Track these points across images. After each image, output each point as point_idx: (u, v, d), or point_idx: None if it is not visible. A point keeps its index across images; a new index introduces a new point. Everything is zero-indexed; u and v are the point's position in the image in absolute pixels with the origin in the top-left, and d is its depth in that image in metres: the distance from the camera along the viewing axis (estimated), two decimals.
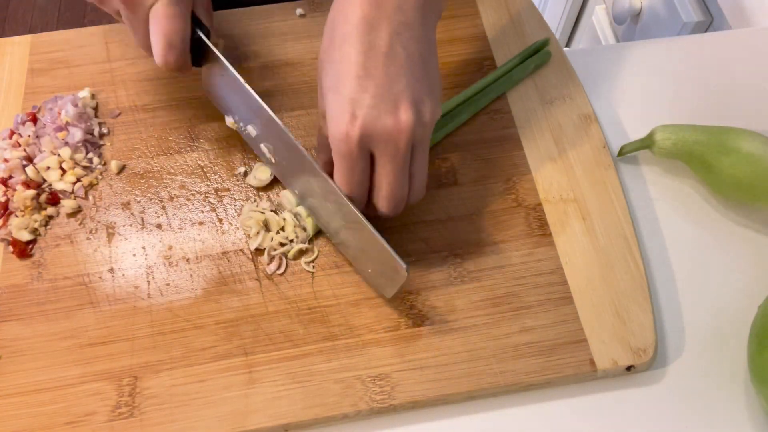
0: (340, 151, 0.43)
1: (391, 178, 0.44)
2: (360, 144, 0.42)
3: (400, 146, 0.43)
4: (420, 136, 0.44)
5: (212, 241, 0.52)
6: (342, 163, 0.44)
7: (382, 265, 0.47)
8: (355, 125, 0.42)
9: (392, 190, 0.45)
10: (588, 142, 0.57)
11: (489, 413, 0.47)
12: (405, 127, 0.42)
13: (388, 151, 0.43)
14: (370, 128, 0.42)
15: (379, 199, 0.46)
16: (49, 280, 0.50)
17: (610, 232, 0.52)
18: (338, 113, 0.42)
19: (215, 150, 0.56)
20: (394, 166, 0.44)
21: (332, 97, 0.43)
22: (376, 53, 0.42)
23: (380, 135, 0.42)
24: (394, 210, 0.47)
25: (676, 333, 0.50)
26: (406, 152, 0.44)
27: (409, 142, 0.43)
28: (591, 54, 0.65)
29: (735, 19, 0.80)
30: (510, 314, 0.49)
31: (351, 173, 0.44)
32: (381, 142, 0.43)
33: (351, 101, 0.42)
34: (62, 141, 0.55)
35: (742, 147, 0.52)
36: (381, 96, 0.42)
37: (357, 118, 0.42)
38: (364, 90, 0.42)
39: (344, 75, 0.42)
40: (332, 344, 0.48)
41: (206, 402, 0.46)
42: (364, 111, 0.42)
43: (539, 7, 1.37)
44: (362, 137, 0.42)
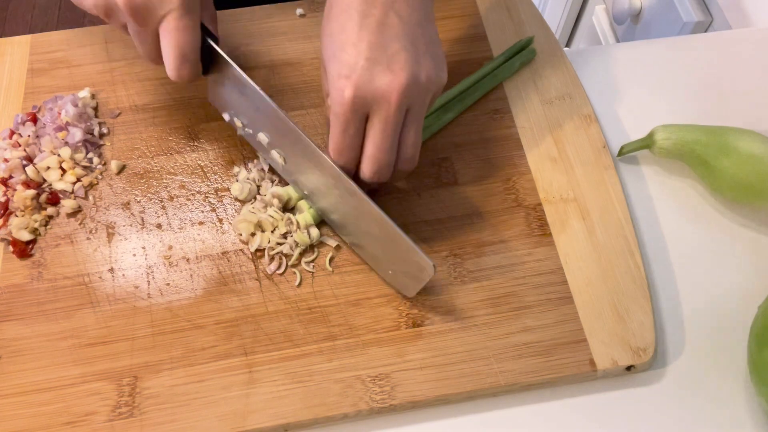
0: (336, 112, 0.44)
1: (377, 139, 0.44)
2: (354, 104, 0.43)
3: (392, 106, 0.43)
4: (415, 98, 0.44)
5: (212, 241, 0.52)
6: (336, 125, 0.44)
7: (405, 263, 0.47)
8: (350, 86, 0.43)
9: (378, 151, 0.45)
10: (588, 142, 0.57)
11: (489, 413, 0.47)
12: (398, 87, 0.42)
13: (380, 111, 0.43)
14: (364, 89, 0.43)
15: (364, 159, 0.46)
16: (49, 280, 0.50)
17: (610, 232, 0.52)
18: (335, 77, 0.43)
19: (215, 150, 0.56)
20: (384, 126, 0.44)
21: (332, 64, 0.44)
22: (371, 21, 0.43)
23: (374, 95, 0.43)
24: (377, 174, 0.46)
25: (676, 333, 0.50)
26: (398, 113, 0.44)
27: (401, 102, 0.43)
28: (591, 54, 0.65)
29: (735, 19, 0.80)
30: (510, 314, 0.49)
31: (343, 135, 0.45)
32: (374, 103, 0.43)
33: (347, 65, 0.43)
34: (62, 141, 0.55)
35: (742, 147, 0.52)
36: (375, 59, 0.43)
37: (352, 79, 0.43)
38: (359, 54, 0.43)
39: (341, 43, 0.44)
40: (332, 344, 0.48)
41: (206, 402, 0.46)
42: (358, 72, 0.43)
43: (539, 7, 1.37)
44: (356, 97, 0.43)
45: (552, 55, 0.62)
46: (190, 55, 0.48)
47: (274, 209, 0.52)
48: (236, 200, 0.54)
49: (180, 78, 0.49)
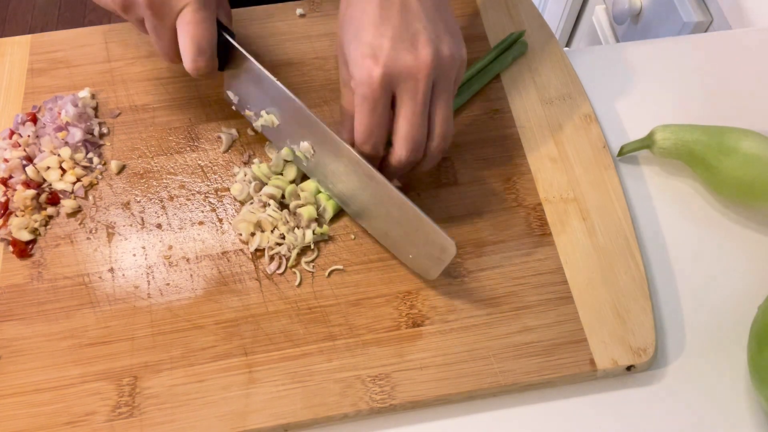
0: (363, 93, 0.44)
1: (410, 116, 0.45)
2: (382, 83, 0.44)
3: (420, 82, 0.44)
4: (441, 73, 0.45)
5: (212, 241, 0.52)
6: (363, 106, 0.45)
7: (426, 245, 0.47)
8: (377, 65, 0.43)
9: (411, 128, 0.45)
10: (588, 142, 0.57)
11: (489, 413, 0.47)
12: (424, 63, 0.43)
13: (408, 88, 0.44)
14: (391, 66, 0.43)
15: (398, 140, 0.46)
16: (49, 280, 0.50)
17: (610, 232, 0.52)
18: (360, 58, 0.44)
19: (215, 150, 0.56)
20: (414, 104, 0.45)
21: (353, 46, 0.45)
22: (390, 4, 0.44)
23: (401, 72, 0.44)
24: (413, 154, 0.46)
25: (676, 333, 0.50)
26: (426, 89, 0.44)
27: (428, 77, 0.44)
28: (591, 54, 0.65)
29: (735, 19, 0.80)
30: (510, 314, 0.49)
31: (371, 115, 0.45)
32: (401, 80, 0.44)
33: (371, 46, 0.44)
34: (62, 141, 0.55)
35: (742, 147, 0.52)
36: (399, 37, 0.44)
37: (378, 59, 0.43)
38: (382, 35, 0.44)
39: (363, 25, 0.45)
40: (332, 344, 0.48)
41: (206, 402, 0.46)
42: (385, 52, 0.43)
43: (539, 7, 1.37)
44: (384, 76, 0.43)
45: (552, 55, 0.62)
46: (206, 48, 0.48)
47: (272, 209, 0.52)
48: (236, 200, 0.54)
49: (197, 71, 0.49)
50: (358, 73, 0.44)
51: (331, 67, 0.61)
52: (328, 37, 0.63)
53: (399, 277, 0.50)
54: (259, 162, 0.54)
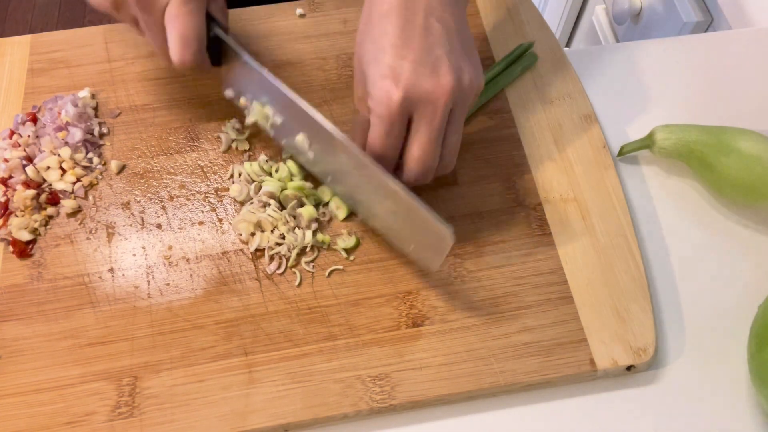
0: (381, 114, 0.44)
1: (424, 141, 0.45)
2: (401, 106, 0.43)
3: (439, 108, 0.44)
4: (459, 100, 0.45)
5: (212, 241, 0.52)
6: (380, 126, 0.45)
7: (425, 236, 0.47)
8: (398, 88, 0.43)
9: (424, 153, 0.45)
10: (588, 142, 0.57)
11: (489, 413, 0.47)
12: (445, 90, 0.43)
13: (426, 113, 0.44)
14: (411, 91, 0.43)
15: (410, 161, 0.46)
16: (49, 280, 0.50)
17: (610, 232, 0.52)
18: (380, 80, 0.44)
19: (215, 150, 0.56)
20: (430, 129, 0.45)
21: (373, 67, 0.44)
22: (413, 26, 0.44)
23: (420, 97, 0.43)
24: (422, 176, 0.47)
25: (676, 333, 0.50)
26: (444, 115, 0.44)
27: (447, 104, 0.44)
28: (591, 54, 0.65)
29: (735, 19, 0.80)
30: (510, 314, 0.49)
31: (387, 136, 0.45)
32: (420, 105, 0.44)
33: (391, 68, 0.43)
34: (62, 141, 0.55)
35: (742, 147, 0.52)
36: (420, 61, 0.43)
37: (399, 82, 0.43)
38: (403, 57, 0.43)
39: (384, 47, 0.44)
40: (332, 344, 0.48)
41: (206, 402, 0.46)
42: (406, 75, 0.43)
43: (539, 7, 1.37)
44: (404, 100, 0.43)
45: (552, 55, 0.62)
46: (192, 40, 0.48)
47: (272, 209, 0.52)
48: (236, 201, 0.54)
49: (183, 63, 0.49)
50: (377, 94, 0.44)
51: (330, 68, 0.61)
52: (328, 37, 0.63)
53: (399, 277, 0.50)
54: (250, 161, 0.54)
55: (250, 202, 0.53)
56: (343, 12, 0.65)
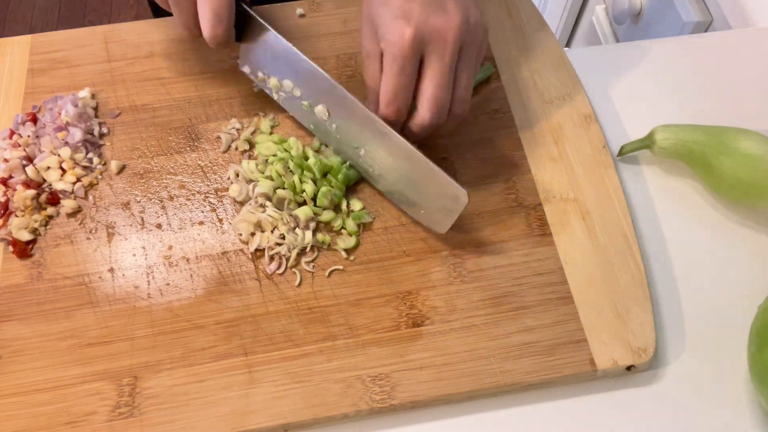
0: (393, 53, 0.46)
1: (437, 77, 0.46)
2: (413, 44, 0.45)
3: (449, 43, 0.46)
4: (468, 38, 0.47)
5: (212, 241, 0.52)
6: (393, 66, 0.46)
7: (437, 197, 0.49)
8: (408, 26, 0.45)
9: (437, 90, 0.47)
10: (588, 142, 0.57)
11: (489, 413, 0.47)
12: (454, 25, 0.45)
13: (437, 50, 0.46)
14: (422, 28, 0.45)
15: (423, 102, 0.47)
16: (49, 280, 0.50)
17: (610, 231, 0.52)
18: (390, 20, 0.46)
19: (215, 150, 0.56)
20: (442, 64, 0.46)
21: (383, 10, 0.46)
22: None
23: (431, 34, 0.45)
24: (436, 116, 0.48)
25: (676, 333, 0.50)
26: (454, 51, 0.46)
27: (457, 40, 0.46)
28: (591, 54, 0.65)
29: (735, 19, 0.80)
30: (510, 314, 0.49)
31: (400, 75, 0.46)
32: (431, 42, 0.46)
33: (401, 9, 0.46)
34: (62, 141, 0.55)
35: (742, 147, 0.52)
36: (427, 2, 0.46)
37: (410, 20, 0.45)
38: (411, 0, 0.46)
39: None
40: (332, 344, 0.48)
41: (206, 402, 0.46)
42: (416, 14, 0.45)
43: (539, 7, 1.37)
44: (415, 36, 0.45)
45: (552, 55, 0.62)
46: (224, 17, 0.50)
47: (272, 209, 0.52)
48: (235, 201, 0.54)
49: (215, 39, 0.50)
50: (389, 34, 0.46)
51: (331, 67, 0.61)
52: (328, 37, 0.63)
53: (399, 277, 0.50)
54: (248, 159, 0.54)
55: (250, 202, 0.53)
56: (343, 12, 0.65)
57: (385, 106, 0.48)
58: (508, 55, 0.62)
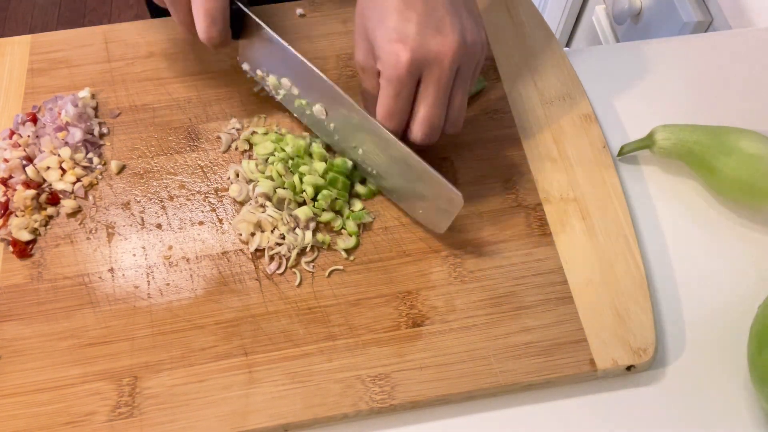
0: (389, 77, 0.45)
1: (431, 100, 0.46)
2: (409, 68, 0.45)
3: (445, 66, 0.45)
4: (465, 59, 0.46)
5: (212, 241, 0.52)
6: (389, 89, 0.46)
7: (434, 199, 0.49)
8: (405, 50, 0.44)
9: (430, 113, 0.47)
10: (588, 142, 0.57)
11: (489, 413, 0.47)
12: (450, 49, 0.45)
13: (434, 73, 0.45)
14: (418, 51, 0.44)
15: (416, 123, 0.48)
16: (49, 280, 0.50)
17: (610, 231, 0.52)
18: (387, 43, 0.45)
19: (215, 150, 0.56)
20: (437, 88, 0.46)
21: (379, 32, 0.46)
22: None
23: (428, 57, 0.45)
24: (428, 136, 0.48)
25: (676, 333, 0.50)
26: (450, 74, 0.46)
27: (454, 63, 0.45)
28: (591, 54, 0.65)
29: (735, 19, 0.80)
30: (510, 314, 0.49)
31: (396, 99, 0.46)
32: (428, 65, 0.45)
33: (397, 31, 0.45)
34: (62, 141, 0.55)
35: (742, 147, 0.52)
36: (424, 23, 0.45)
37: (407, 43, 0.44)
38: (408, 20, 0.45)
39: (387, 11, 0.45)
40: (332, 344, 0.48)
41: (206, 402, 0.46)
42: (412, 37, 0.45)
43: (539, 7, 1.37)
44: (412, 61, 0.45)
45: (552, 55, 0.62)
46: (219, 18, 0.49)
47: (272, 209, 0.52)
48: (235, 201, 0.54)
49: (210, 40, 0.50)
50: (386, 58, 0.45)
51: (331, 67, 0.61)
52: (328, 37, 0.63)
53: (399, 277, 0.50)
54: (248, 159, 0.54)
55: (250, 202, 0.53)
56: (343, 12, 0.65)
57: (383, 123, 0.48)
58: (508, 54, 0.62)
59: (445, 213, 0.49)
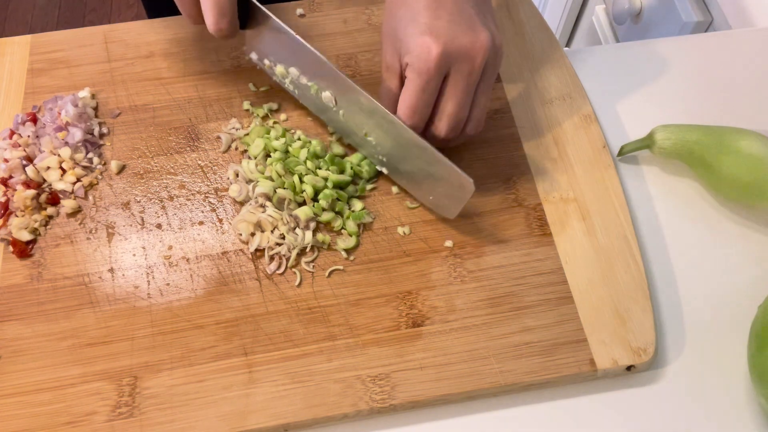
0: (420, 69, 0.46)
1: (458, 96, 0.47)
2: (439, 61, 0.45)
3: (476, 63, 0.46)
4: (492, 58, 0.47)
5: (212, 241, 0.52)
6: (417, 81, 0.47)
7: (445, 186, 0.50)
8: (437, 44, 0.45)
9: (456, 110, 0.48)
10: (588, 142, 0.57)
11: (489, 413, 0.47)
12: (481, 46, 0.46)
13: (463, 69, 0.46)
14: (450, 46, 0.45)
15: (442, 118, 0.49)
16: (49, 280, 0.50)
17: (610, 232, 0.52)
18: (419, 37, 0.46)
19: (215, 150, 0.56)
20: (465, 84, 0.47)
21: (410, 28, 0.47)
22: None
23: (459, 52, 0.46)
24: (453, 131, 0.49)
25: (676, 333, 0.50)
26: (479, 70, 0.47)
27: (484, 60, 0.46)
28: (591, 54, 0.65)
29: (735, 19, 0.80)
30: (510, 314, 0.49)
31: (422, 93, 0.47)
32: (458, 60, 0.46)
33: (429, 26, 0.46)
34: (62, 141, 0.55)
35: (742, 147, 0.52)
36: (455, 21, 0.46)
37: (439, 38, 0.45)
38: (438, 17, 0.46)
39: (418, 9, 0.47)
40: (332, 344, 0.48)
41: (206, 402, 0.46)
42: (444, 32, 0.46)
43: (539, 7, 1.37)
44: (443, 54, 0.45)
45: (552, 55, 0.62)
46: (227, 10, 0.50)
47: (272, 209, 0.52)
48: (235, 201, 0.54)
49: (219, 32, 0.50)
50: (416, 50, 0.46)
51: None
52: (328, 37, 0.63)
53: (399, 277, 0.50)
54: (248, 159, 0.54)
55: (250, 202, 0.53)
56: (343, 12, 0.65)
57: (407, 116, 0.48)
58: (508, 54, 0.62)
59: (456, 199, 0.50)
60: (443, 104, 0.48)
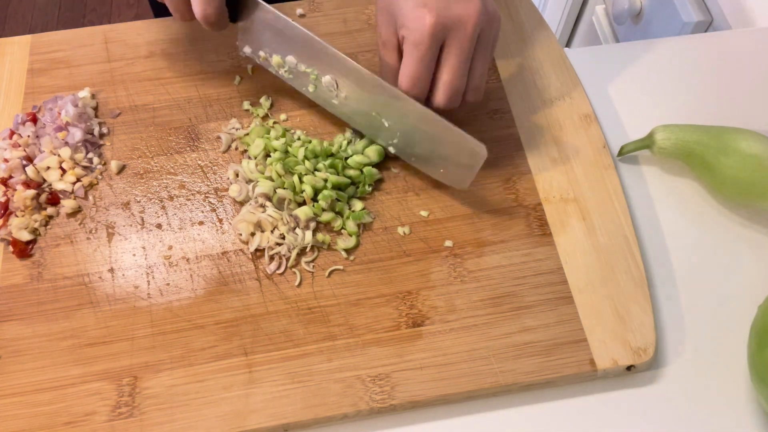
0: (415, 40, 0.47)
1: (454, 64, 0.48)
2: (434, 31, 0.47)
3: (468, 31, 0.47)
4: (486, 26, 0.48)
5: (212, 241, 0.52)
6: (414, 53, 0.48)
7: (456, 155, 0.50)
8: (430, 14, 0.46)
9: (453, 77, 0.49)
10: (588, 142, 0.57)
11: (489, 413, 0.47)
12: (473, 14, 0.47)
13: (457, 37, 0.47)
14: (443, 16, 0.47)
15: (439, 87, 0.49)
16: (49, 280, 0.50)
17: (610, 232, 0.52)
18: (413, 8, 0.47)
19: (215, 150, 0.56)
20: (460, 51, 0.48)
21: (405, 2, 0.48)
22: None
23: (452, 21, 0.47)
24: (451, 102, 0.50)
25: (676, 333, 0.50)
26: (473, 39, 0.48)
27: (476, 28, 0.47)
28: (591, 54, 0.65)
29: (735, 19, 0.80)
30: (510, 314, 0.49)
31: (420, 63, 0.48)
32: (452, 29, 0.47)
33: None
34: (62, 141, 0.55)
35: (742, 147, 0.52)
36: None
37: (432, 9, 0.47)
38: None
39: None
40: (332, 344, 0.48)
41: (206, 402, 0.46)
42: (437, 3, 0.47)
43: (539, 7, 1.37)
44: (436, 24, 0.47)
45: (552, 55, 0.62)
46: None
47: (272, 209, 0.52)
48: (235, 201, 0.54)
49: (207, 20, 0.51)
50: (410, 22, 0.47)
51: None
52: (328, 37, 0.63)
53: (399, 277, 0.50)
54: (248, 159, 0.54)
55: (250, 202, 0.53)
56: (343, 12, 0.65)
57: (407, 88, 0.49)
58: (508, 54, 0.62)
59: (467, 168, 0.50)
60: (440, 73, 0.49)
